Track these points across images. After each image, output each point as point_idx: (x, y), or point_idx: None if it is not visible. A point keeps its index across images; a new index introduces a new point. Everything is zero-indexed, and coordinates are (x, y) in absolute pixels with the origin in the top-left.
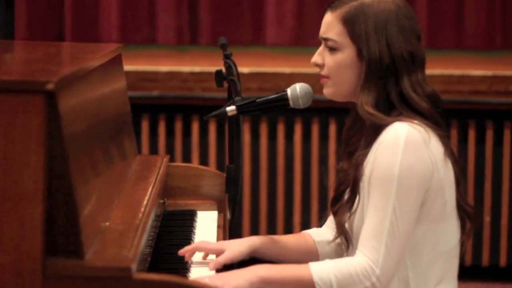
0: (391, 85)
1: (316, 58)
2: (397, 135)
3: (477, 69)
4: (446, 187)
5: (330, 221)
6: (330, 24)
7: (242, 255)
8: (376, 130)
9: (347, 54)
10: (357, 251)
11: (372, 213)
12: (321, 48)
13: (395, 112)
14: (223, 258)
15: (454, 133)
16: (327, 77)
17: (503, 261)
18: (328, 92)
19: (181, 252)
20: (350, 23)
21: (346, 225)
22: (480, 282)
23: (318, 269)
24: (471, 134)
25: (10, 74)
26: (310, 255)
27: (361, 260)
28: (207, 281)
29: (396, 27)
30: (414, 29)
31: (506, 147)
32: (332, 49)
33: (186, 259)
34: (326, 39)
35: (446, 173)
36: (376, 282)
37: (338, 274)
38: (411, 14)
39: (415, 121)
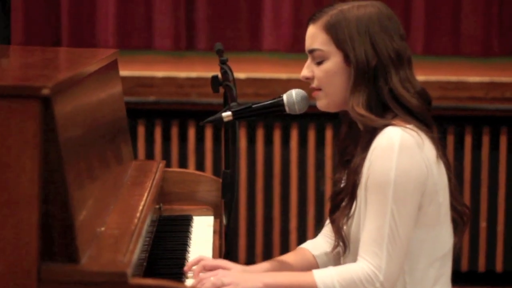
0: (381, 85)
1: (304, 72)
2: (391, 140)
3: (474, 75)
4: (440, 191)
5: (326, 230)
6: (314, 35)
7: None
8: (371, 134)
9: (334, 61)
10: (359, 257)
11: (371, 219)
12: (308, 61)
13: (389, 114)
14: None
15: (450, 139)
16: (318, 89)
17: (499, 266)
18: (321, 104)
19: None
20: (333, 30)
21: (344, 228)
22: (476, 287)
23: (322, 276)
24: (468, 140)
25: (6, 79)
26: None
27: (364, 266)
28: (212, 280)
29: (378, 27)
30: (397, 28)
31: (502, 153)
32: (320, 62)
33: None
34: (312, 51)
35: (439, 176)
36: None
37: (342, 281)
38: (391, 15)
39: (408, 126)
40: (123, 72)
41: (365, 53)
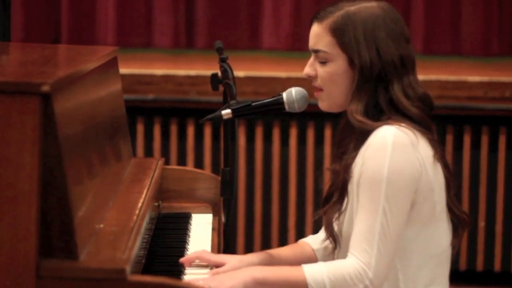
0: (380, 92)
1: (307, 70)
2: (385, 138)
3: (473, 75)
4: (435, 189)
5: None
6: (319, 36)
7: None
8: (366, 134)
9: (338, 64)
10: (349, 254)
11: (362, 216)
12: (311, 59)
13: (385, 116)
14: (222, 271)
15: (449, 138)
16: (320, 89)
17: (497, 266)
18: (323, 105)
19: (182, 260)
20: (339, 32)
21: (335, 226)
22: (474, 286)
23: (312, 271)
24: (467, 140)
25: (6, 75)
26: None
27: (354, 262)
28: (200, 283)
29: (384, 32)
30: (402, 32)
31: (501, 153)
32: (323, 62)
33: (185, 266)
34: (316, 51)
35: (435, 175)
36: (369, 285)
37: (331, 276)
38: (397, 17)
39: (403, 124)
40: (123, 70)
41: (370, 58)
